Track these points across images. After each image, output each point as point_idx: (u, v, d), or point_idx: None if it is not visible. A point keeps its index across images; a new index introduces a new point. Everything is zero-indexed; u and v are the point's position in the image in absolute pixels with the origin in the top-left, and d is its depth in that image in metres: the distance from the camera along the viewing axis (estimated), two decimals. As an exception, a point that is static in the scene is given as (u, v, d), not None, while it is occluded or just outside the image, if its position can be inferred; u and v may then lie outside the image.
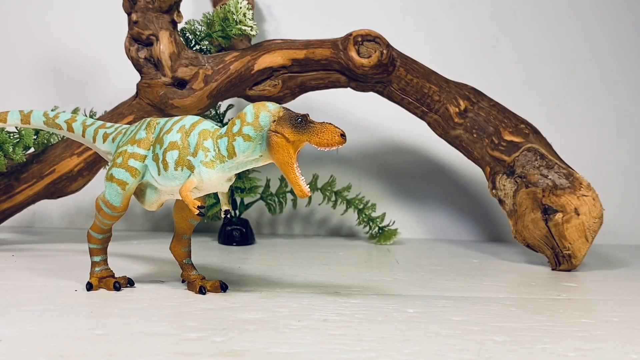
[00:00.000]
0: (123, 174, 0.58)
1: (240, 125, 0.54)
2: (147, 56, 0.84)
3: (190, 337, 0.46)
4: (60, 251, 0.84)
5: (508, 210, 0.85)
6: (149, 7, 0.83)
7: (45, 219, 1.11)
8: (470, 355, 0.44)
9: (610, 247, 1.03)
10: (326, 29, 0.93)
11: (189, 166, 0.56)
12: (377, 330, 0.50)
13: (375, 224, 1.03)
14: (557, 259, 0.82)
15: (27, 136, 0.87)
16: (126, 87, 0.91)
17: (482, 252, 0.97)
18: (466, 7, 1.15)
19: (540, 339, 0.49)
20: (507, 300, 0.62)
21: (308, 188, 0.54)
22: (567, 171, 0.82)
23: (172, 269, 0.68)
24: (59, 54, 1.12)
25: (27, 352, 0.42)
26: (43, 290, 0.60)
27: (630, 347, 0.47)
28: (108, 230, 0.62)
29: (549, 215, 0.80)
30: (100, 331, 0.47)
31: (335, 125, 0.53)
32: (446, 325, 0.52)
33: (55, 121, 0.64)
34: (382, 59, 0.85)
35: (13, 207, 0.88)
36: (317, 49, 0.87)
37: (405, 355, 0.43)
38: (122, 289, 0.61)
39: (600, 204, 0.81)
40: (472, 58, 1.14)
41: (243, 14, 0.85)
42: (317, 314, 0.54)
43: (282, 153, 0.53)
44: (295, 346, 0.45)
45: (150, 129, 0.59)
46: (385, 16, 1.13)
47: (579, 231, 0.79)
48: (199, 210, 0.55)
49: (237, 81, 0.86)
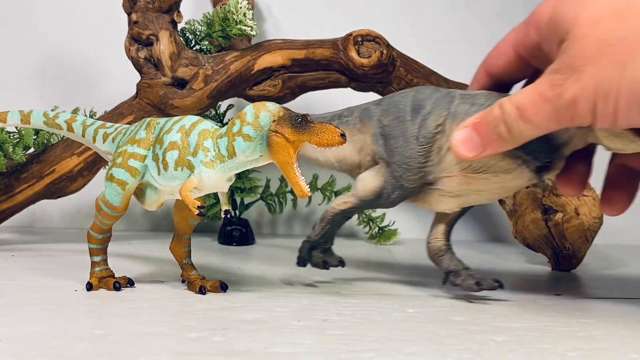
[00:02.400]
0: (123, 174, 0.58)
1: (240, 125, 0.54)
2: (147, 56, 0.84)
3: (190, 337, 0.46)
4: (60, 251, 0.84)
5: (508, 210, 0.85)
6: (149, 7, 0.83)
7: (45, 219, 1.11)
8: (470, 355, 0.44)
9: (610, 247, 1.03)
10: (326, 29, 0.93)
11: (189, 166, 0.56)
12: (377, 330, 0.50)
13: (375, 224, 1.03)
14: (557, 259, 0.82)
15: (27, 136, 0.87)
16: (126, 87, 0.91)
17: (482, 252, 0.97)
18: (466, 7, 1.15)
19: (540, 339, 0.49)
20: (507, 300, 0.62)
21: (308, 188, 0.54)
22: (567, 171, 0.82)
23: (172, 269, 0.68)
24: (59, 54, 1.12)
25: (27, 352, 0.42)
26: (43, 290, 0.60)
27: (630, 347, 0.47)
28: (108, 230, 0.62)
29: (549, 215, 0.80)
30: (100, 331, 0.47)
31: (336, 125, 0.54)
32: (446, 325, 0.52)
33: (55, 121, 0.64)
34: (382, 59, 0.85)
35: (13, 207, 0.88)
36: (317, 49, 0.87)
37: (405, 355, 0.43)
38: (122, 289, 0.61)
39: (600, 204, 0.81)
40: (472, 58, 1.14)
41: (243, 14, 0.85)
42: (317, 314, 0.54)
43: (282, 153, 0.53)
44: (295, 346, 0.45)
45: (150, 129, 0.59)
46: (385, 16, 1.13)
47: (579, 231, 0.79)
48: (199, 210, 0.55)
49: (237, 81, 0.86)
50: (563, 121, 0.52)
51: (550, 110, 0.52)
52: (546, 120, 0.53)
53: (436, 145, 0.60)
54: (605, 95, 0.49)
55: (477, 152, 0.56)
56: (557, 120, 0.52)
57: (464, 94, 0.61)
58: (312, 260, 0.67)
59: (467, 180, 0.60)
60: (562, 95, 0.51)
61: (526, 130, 0.54)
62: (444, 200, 0.62)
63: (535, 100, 0.53)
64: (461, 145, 0.57)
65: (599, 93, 0.49)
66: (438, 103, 0.61)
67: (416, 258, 0.91)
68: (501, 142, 0.55)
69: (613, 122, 0.50)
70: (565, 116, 0.52)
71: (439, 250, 0.64)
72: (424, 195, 0.63)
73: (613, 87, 0.48)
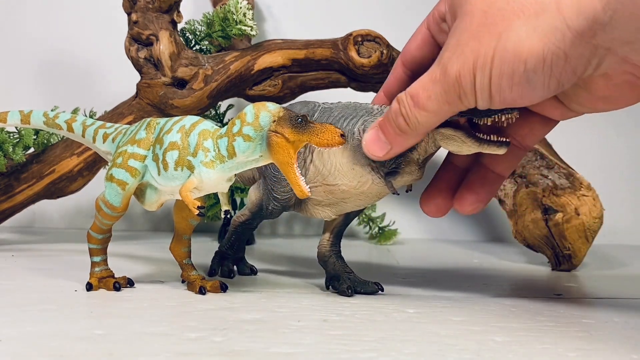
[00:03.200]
0: (123, 174, 0.58)
1: (240, 125, 0.54)
2: (147, 56, 0.84)
3: (190, 337, 0.46)
4: (60, 251, 0.84)
5: (508, 210, 0.85)
6: (149, 7, 0.83)
7: (45, 219, 1.11)
8: (470, 355, 0.44)
9: (610, 247, 1.03)
10: (326, 29, 0.93)
11: (189, 166, 0.56)
12: (377, 330, 0.50)
13: (375, 224, 1.03)
14: (557, 259, 0.82)
15: (27, 136, 0.87)
16: (126, 87, 0.91)
17: (482, 252, 0.97)
18: (466, 7, 1.15)
19: (540, 339, 0.49)
20: (507, 300, 0.62)
21: (308, 188, 0.54)
22: (567, 171, 0.82)
23: (172, 269, 0.68)
24: (59, 54, 1.12)
25: (27, 352, 0.42)
26: (43, 290, 0.60)
27: (630, 347, 0.47)
28: (108, 230, 0.62)
29: (549, 215, 0.80)
30: (100, 331, 0.47)
31: (336, 125, 0.53)
32: (446, 325, 0.52)
33: (55, 121, 0.64)
34: (382, 59, 0.85)
35: (13, 207, 0.88)
36: (317, 49, 0.87)
37: (405, 355, 0.43)
38: (122, 289, 0.61)
39: (600, 204, 0.81)
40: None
41: (243, 14, 0.85)
42: (317, 314, 0.54)
43: (282, 153, 0.53)
44: (295, 346, 0.45)
45: (150, 129, 0.59)
46: (385, 16, 1.13)
47: (579, 231, 0.79)
48: (199, 211, 0.55)
49: (237, 81, 0.86)
50: (453, 102, 0.51)
51: (440, 91, 0.51)
52: (437, 103, 0.51)
53: (301, 157, 0.61)
54: (482, 67, 0.48)
55: (385, 150, 0.56)
56: (448, 102, 0.51)
57: (325, 107, 0.63)
58: (222, 270, 0.70)
59: (330, 189, 0.61)
60: (447, 72, 0.50)
61: (422, 118, 0.53)
62: (319, 209, 0.64)
63: (427, 85, 0.52)
64: (370, 146, 0.56)
65: (476, 65, 0.48)
66: None
67: (416, 258, 0.91)
68: (403, 136, 0.55)
69: (489, 97, 0.49)
70: (453, 95, 0.50)
71: (324, 256, 0.65)
72: (303, 205, 0.65)
73: (488, 58, 0.48)
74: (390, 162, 0.58)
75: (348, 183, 0.60)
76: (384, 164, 0.58)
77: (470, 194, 0.59)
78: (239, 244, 0.71)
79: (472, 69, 0.49)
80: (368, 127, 0.58)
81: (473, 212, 0.60)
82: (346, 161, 0.59)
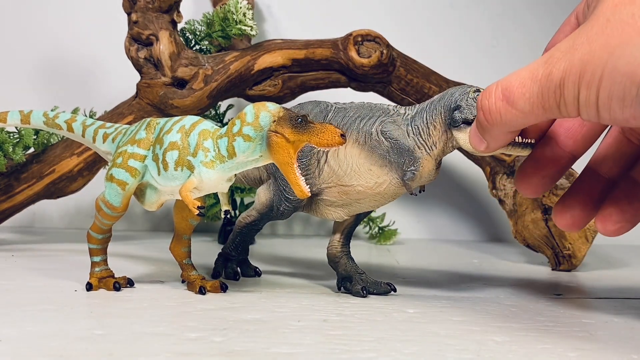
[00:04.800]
0: (123, 174, 0.58)
1: (240, 125, 0.54)
2: (147, 56, 0.84)
3: (190, 337, 0.46)
4: (60, 251, 0.84)
5: (508, 210, 0.85)
6: (149, 7, 0.83)
7: (45, 219, 1.11)
8: (470, 355, 0.44)
9: (610, 247, 1.03)
10: (326, 29, 0.93)
11: (188, 166, 0.56)
12: (377, 330, 0.50)
13: (375, 224, 1.03)
14: (557, 259, 0.82)
15: (27, 136, 0.87)
16: (126, 87, 0.91)
17: (482, 252, 0.97)
18: (466, 7, 1.15)
19: (540, 339, 0.49)
20: (507, 300, 0.62)
21: (308, 188, 0.54)
22: (568, 171, 0.82)
23: (172, 269, 0.68)
24: (59, 54, 1.12)
25: (27, 352, 0.42)
26: (43, 290, 0.60)
27: (630, 347, 0.47)
28: (108, 230, 0.62)
29: (549, 215, 0.80)
30: (100, 331, 0.47)
31: (336, 125, 0.54)
32: (446, 325, 0.52)
33: (55, 121, 0.64)
34: (382, 59, 0.85)
35: (13, 207, 0.88)
36: (317, 49, 0.87)
37: (405, 355, 0.43)
38: (122, 289, 0.61)
39: (600, 204, 0.81)
40: (472, 58, 1.14)
41: (243, 13, 0.85)
42: (317, 314, 0.54)
43: (282, 153, 0.53)
44: (295, 346, 0.45)
45: (150, 129, 0.59)
46: (385, 16, 1.14)
47: (579, 231, 0.79)
48: (199, 211, 0.55)
49: (237, 81, 0.86)
50: (550, 108, 0.45)
51: (537, 91, 0.45)
52: (531, 105, 0.46)
53: (314, 158, 0.61)
54: (587, 84, 0.43)
55: (483, 144, 0.52)
56: (544, 107, 0.45)
57: (339, 107, 0.62)
58: (226, 271, 0.69)
59: (345, 190, 0.61)
60: (551, 74, 0.44)
61: (508, 115, 0.47)
62: (331, 209, 0.63)
63: (524, 81, 0.46)
64: (472, 141, 0.54)
65: (582, 79, 0.43)
66: (315, 117, 0.62)
67: (416, 258, 0.91)
68: (486, 131, 0.50)
69: (596, 114, 0.44)
70: (552, 102, 0.45)
71: (335, 257, 0.65)
72: (314, 206, 0.64)
73: (596, 76, 0.43)
74: (408, 162, 0.58)
75: (364, 184, 0.60)
76: (402, 165, 0.58)
77: (617, 211, 0.52)
78: (243, 245, 0.70)
79: (577, 82, 0.44)
80: (385, 128, 0.58)
81: (617, 233, 0.53)
82: (363, 162, 0.59)
